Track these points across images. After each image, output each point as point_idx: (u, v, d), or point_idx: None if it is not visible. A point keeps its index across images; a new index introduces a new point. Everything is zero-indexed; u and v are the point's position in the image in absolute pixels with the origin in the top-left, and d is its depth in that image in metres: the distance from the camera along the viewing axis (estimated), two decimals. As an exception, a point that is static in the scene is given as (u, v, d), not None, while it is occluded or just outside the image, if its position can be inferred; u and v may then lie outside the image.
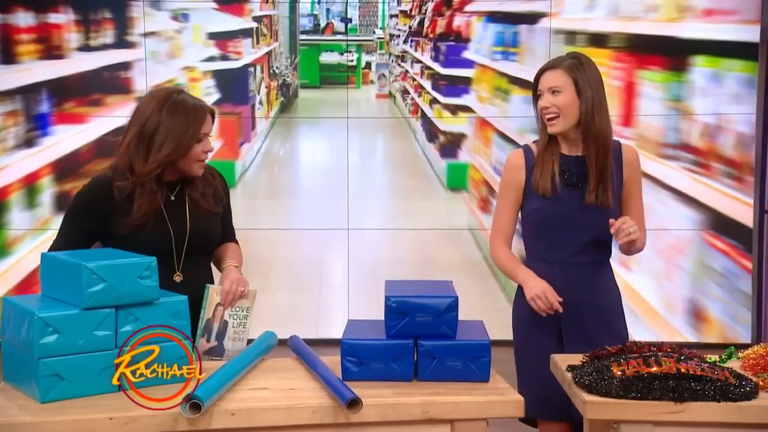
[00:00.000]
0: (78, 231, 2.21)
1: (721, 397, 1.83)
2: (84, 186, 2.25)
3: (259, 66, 5.02)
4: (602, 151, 2.31)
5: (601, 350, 2.09)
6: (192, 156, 2.20)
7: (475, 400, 1.84)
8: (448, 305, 1.96)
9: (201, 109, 2.22)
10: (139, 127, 2.19)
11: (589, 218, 2.33)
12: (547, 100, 2.31)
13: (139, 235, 2.18)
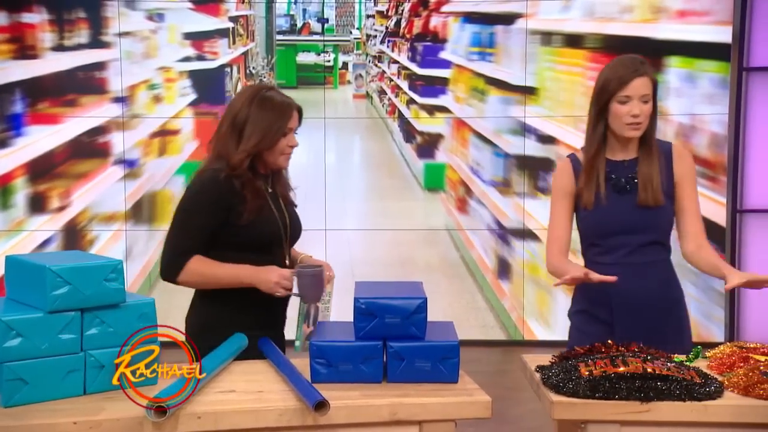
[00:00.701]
0: (205, 227, 2.26)
1: (686, 397, 1.85)
2: (201, 183, 2.28)
3: (235, 66, 5.00)
4: (657, 152, 2.33)
5: (569, 350, 2.10)
6: (278, 149, 2.30)
7: (443, 401, 1.84)
8: (417, 306, 1.96)
9: (288, 105, 2.34)
10: (230, 120, 2.29)
11: (640, 220, 2.33)
12: (638, 108, 2.29)
13: (256, 225, 2.27)
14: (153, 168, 4.97)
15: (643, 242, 2.33)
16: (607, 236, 2.35)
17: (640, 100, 2.28)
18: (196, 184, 2.30)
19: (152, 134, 4.95)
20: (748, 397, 1.85)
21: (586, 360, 1.97)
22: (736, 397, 1.86)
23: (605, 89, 2.32)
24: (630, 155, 2.36)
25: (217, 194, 2.24)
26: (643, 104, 2.28)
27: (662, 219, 2.34)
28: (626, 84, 2.29)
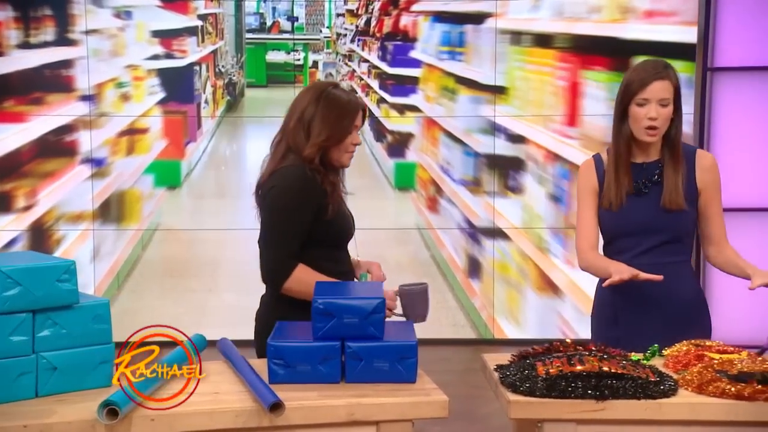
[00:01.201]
0: (305, 225, 2.26)
1: (641, 395, 1.86)
2: (291, 180, 2.26)
3: (204, 64, 4.97)
4: (681, 155, 2.34)
5: (528, 350, 2.11)
6: (344, 146, 2.31)
7: (400, 401, 1.84)
8: (375, 306, 1.96)
9: (354, 103, 2.34)
10: (298, 116, 2.30)
11: (657, 222, 2.34)
12: (656, 111, 2.28)
13: (338, 220, 2.31)
14: (121, 167, 4.93)
15: (659, 243, 2.34)
16: (623, 237, 2.37)
17: (659, 103, 2.27)
18: (286, 181, 2.26)
19: (120, 133, 4.90)
20: (702, 394, 1.87)
21: (544, 359, 1.98)
22: (691, 395, 1.88)
23: (626, 91, 2.32)
24: (651, 158, 2.37)
25: (310, 188, 2.25)
26: (662, 108, 2.28)
27: (681, 222, 2.35)
28: (645, 86, 2.28)
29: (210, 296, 5.07)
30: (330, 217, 2.28)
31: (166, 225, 4.99)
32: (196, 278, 5.03)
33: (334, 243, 2.34)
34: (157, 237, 4.99)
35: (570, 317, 4.95)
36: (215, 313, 4.96)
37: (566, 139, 4.94)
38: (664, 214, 2.33)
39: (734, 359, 1.94)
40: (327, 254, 2.32)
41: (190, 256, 5.02)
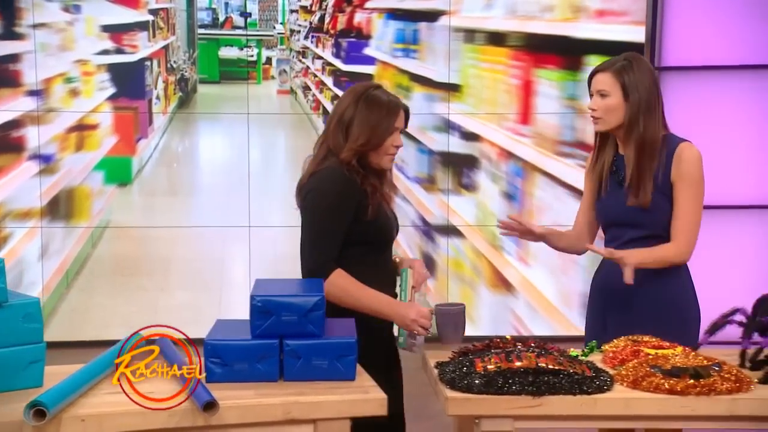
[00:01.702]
0: (341, 225, 2.28)
1: (576, 391, 1.88)
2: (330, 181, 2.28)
3: (155, 60, 4.90)
4: (645, 152, 2.32)
5: (468, 346, 2.12)
6: (383, 149, 2.31)
7: (337, 399, 1.84)
8: (315, 304, 1.95)
9: (395, 104, 2.34)
10: (337, 118, 2.31)
11: (632, 216, 2.36)
12: (594, 103, 2.37)
13: (378, 221, 2.31)
14: (70, 163, 4.84)
15: (638, 237, 2.36)
16: (606, 227, 2.45)
17: (598, 94, 2.35)
18: (325, 184, 2.28)
19: (69, 129, 4.81)
20: (637, 389, 1.90)
21: (483, 356, 1.99)
22: (626, 390, 1.91)
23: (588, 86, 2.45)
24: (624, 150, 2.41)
25: (349, 190, 2.26)
26: (600, 98, 2.34)
27: (654, 218, 2.35)
28: (590, 79, 2.43)
29: (162, 295, 5.00)
30: (370, 218, 2.27)
31: (117, 222, 4.91)
32: (148, 276, 4.96)
33: (373, 243, 2.33)
34: (107, 234, 4.91)
35: (523, 314, 4.98)
36: (167, 312, 4.90)
37: (519, 137, 4.96)
38: (636, 211, 2.34)
39: (669, 354, 1.97)
40: (367, 254, 2.31)
41: (142, 254, 4.95)
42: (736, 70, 4.40)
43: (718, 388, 1.82)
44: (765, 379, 1.88)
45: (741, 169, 4.27)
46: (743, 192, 4.21)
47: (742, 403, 1.82)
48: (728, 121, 4.28)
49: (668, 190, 2.34)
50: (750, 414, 1.81)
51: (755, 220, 4.32)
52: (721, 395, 1.83)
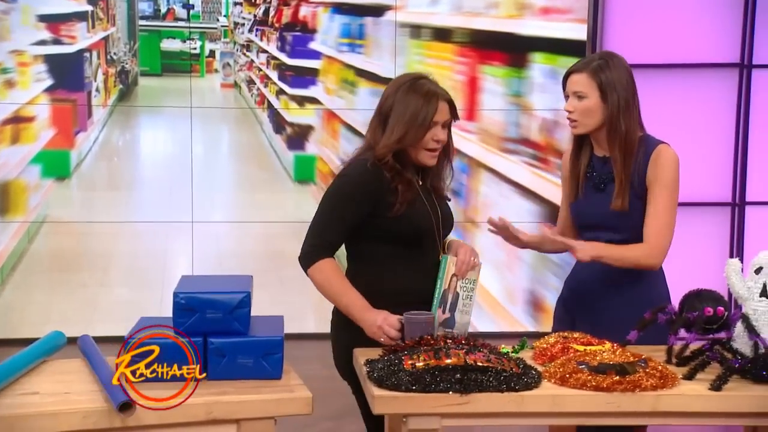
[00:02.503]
0: (348, 219, 2.19)
1: (504, 388, 1.87)
2: (350, 173, 2.21)
3: (95, 51, 4.79)
4: (630, 154, 2.26)
5: (399, 343, 2.10)
6: (421, 144, 2.17)
7: (261, 398, 1.80)
8: (240, 301, 1.91)
9: (433, 94, 2.17)
10: (379, 109, 2.21)
11: (610, 220, 2.30)
12: (571, 105, 2.26)
13: (407, 218, 2.21)
14: (5, 156, 4.71)
15: (615, 241, 2.29)
16: (582, 230, 2.36)
17: (574, 96, 2.26)
18: (344, 173, 2.22)
19: (4, 121, 4.68)
20: (564, 386, 1.90)
21: (412, 353, 1.97)
22: (554, 387, 1.90)
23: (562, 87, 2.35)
24: (603, 152, 2.34)
25: (368, 184, 2.17)
26: (577, 101, 2.25)
27: (635, 223, 2.30)
28: (565, 80, 2.32)
29: (102, 291, 4.90)
30: (395, 214, 2.19)
31: (55, 217, 4.79)
32: (88, 273, 4.85)
33: (402, 241, 2.23)
34: (44, 230, 4.78)
35: (468, 310, 5.00)
36: (107, 309, 4.80)
37: (465, 133, 4.97)
38: (615, 214, 2.29)
39: (597, 351, 1.97)
40: (397, 252, 2.24)
41: (81, 249, 4.84)
42: (677, 68, 4.47)
43: (643, 384, 1.83)
44: (690, 375, 1.89)
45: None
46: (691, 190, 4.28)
47: (666, 399, 1.83)
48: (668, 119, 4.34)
49: (644, 193, 2.30)
50: (673, 410, 1.83)
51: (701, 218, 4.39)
52: (645, 391, 1.84)
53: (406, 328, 2.16)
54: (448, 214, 2.35)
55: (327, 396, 2.29)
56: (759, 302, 1.99)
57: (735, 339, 2.01)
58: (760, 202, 4.42)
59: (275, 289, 4.96)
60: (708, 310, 1.95)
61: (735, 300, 2.07)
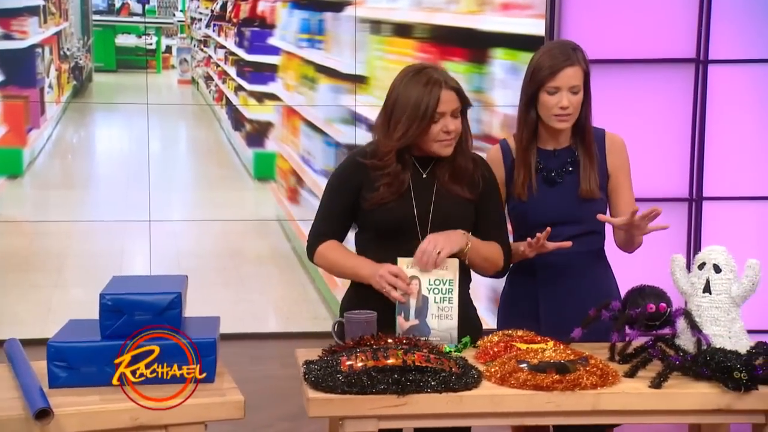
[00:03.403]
0: (336, 206, 2.21)
1: (442, 388, 1.83)
2: (339, 165, 2.25)
3: (47, 47, 4.68)
4: (589, 141, 2.24)
5: (339, 343, 2.05)
6: (429, 136, 2.09)
7: (190, 402, 1.74)
8: (170, 302, 1.85)
9: (435, 83, 2.09)
10: (385, 102, 2.16)
11: (570, 212, 2.24)
12: (568, 100, 2.17)
13: (382, 211, 2.17)
14: (-46, 155, 4.59)
15: (576, 234, 2.26)
16: (537, 228, 2.25)
17: (570, 91, 2.18)
18: (339, 165, 2.28)
19: (-47, 118, 4.56)
20: (504, 386, 1.86)
21: (350, 354, 1.92)
22: (493, 387, 1.86)
23: (535, 78, 2.22)
24: (562, 144, 2.27)
25: (348, 175, 2.19)
26: (573, 95, 2.19)
27: (597, 211, 2.26)
28: (556, 74, 2.19)
29: (56, 292, 4.80)
30: (369, 207, 2.17)
31: (7, 216, 4.68)
32: (41, 273, 4.75)
33: (378, 234, 2.22)
34: (-4, 229, 4.68)
35: (431, 308, 4.96)
36: (62, 310, 4.70)
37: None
38: (580, 204, 2.26)
39: (538, 349, 1.93)
40: (377, 244, 2.22)
41: (34, 249, 4.74)
42: (633, 63, 4.46)
43: (583, 382, 1.80)
44: (631, 372, 1.86)
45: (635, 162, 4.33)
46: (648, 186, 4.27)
47: (607, 397, 1.80)
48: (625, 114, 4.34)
49: (604, 181, 2.28)
50: (614, 408, 1.79)
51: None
52: (586, 390, 1.80)
53: (347, 328, 2.11)
54: (446, 213, 2.21)
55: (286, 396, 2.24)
56: (702, 298, 1.96)
57: (679, 335, 1.98)
58: (718, 197, 4.43)
59: (236, 287, 4.90)
60: (650, 307, 1.92)
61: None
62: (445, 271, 2.13)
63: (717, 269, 1.94)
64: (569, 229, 2.28)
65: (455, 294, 2.14)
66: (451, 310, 2.14)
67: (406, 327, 2.13)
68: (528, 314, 2.29)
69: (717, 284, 1.94)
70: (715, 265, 1.94)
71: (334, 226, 2.27)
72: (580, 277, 2.27)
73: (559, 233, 2.27)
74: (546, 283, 2.29)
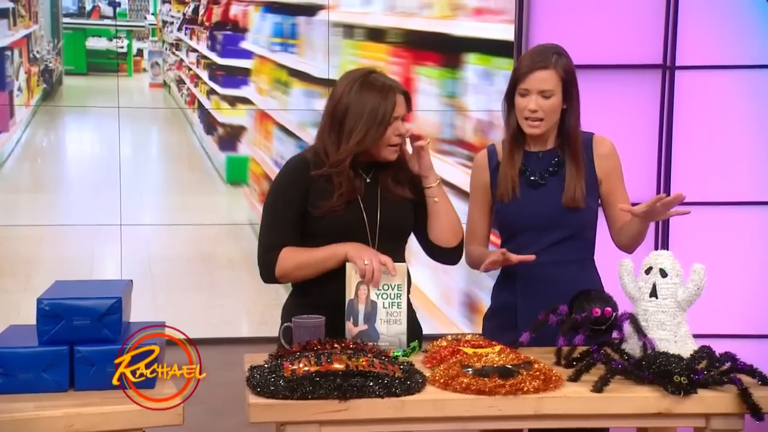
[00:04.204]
0: (286, 215, 2.14)
1: (384, 393, 1.82)
2: (281, 171, 2.19)
3: (17, 50, 4.65)
4: (577, 146, 2.21)
5: (286, 348, 2.04)
6: (383, 141, 2.09)
7: (126, 409, 1.73)
8: (110, 307, 1.83)
9: (390, 88, 2.09)
10: (331, 111, 2.11)
11: (554, 216, 2.21)
12: (536, 103, 2.14)
13: (332, 218, 2.14)
14: None
15: (561, 238, 2.23)
16: (520, 232, 2.24)
17: (540, 95, 2.16)
18: (278, 175, 2.20)
19: None
20: (447, 390, 1.85)
21: (294, 359, 1.90)
22: (437, 391, 1.85)
23: (512, 79, 2.23)
24: (547, 147, 2.25)
25: (291, 183, 2.14)
26: (543, 99, 2.16)
27: (583, 217, 2.24)
28: (526, 76, 2.18)
29: (25, 297, 4.75)
30: (319, 214, 2.14)
31: (-25, 221, 4.65)
32: (10, 278, 4.71)
33: (327, 240, 2.18)
34: (-36, 234, 4.64)
35: (404, 312, 4.95)
36: (31, 315, 4.64)
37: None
38: (564, 209, 2.23)
39: (483, 353, 1.92)
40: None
41: (4, 253, 4.70)
42: (600, 69, 4.46)
43: (525, 387, 1.79)
44: (575, 376, 1.86)
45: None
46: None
47: (548, 401, 1.79)
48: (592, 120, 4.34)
49: (593, 187, 2.25)
50: (555, 412, 1.78)
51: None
52: (528, 394, 1.79)
53: (294, 333, 2.09)
54: (393, 216, 2.23)
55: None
56: (649, 302, 1.96)
57: (627, 340, 1.98)
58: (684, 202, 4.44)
59: (208, 292, 4.88)
60: (596, 311, 1.91)
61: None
62: (393, 277, 2.11)
63: (663, 274, 1.94)
64: (555, 234, 2.25)
65: (404, 299, 2.13)
66: (400, 315, 2.13)
67: (355, 332, 2.12)
68: (507, 326, 2.26)
69: (663, 289, 1.94)
70: (662, 270, 1.94)
71: (287, 237, 2.19)
72: (561, 287, 2.22)
73: (539, 239, 2.25)
74: (526, 294, 2.27)
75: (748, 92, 4.43)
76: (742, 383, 1.75)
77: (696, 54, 4.37)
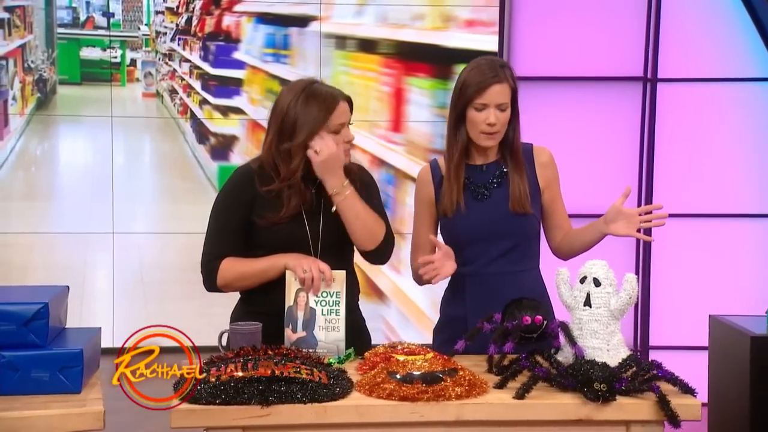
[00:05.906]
0: (230, 224, 2.15)
1: (307, 399, 1.81)
2: (228, 179, 2.19)
3: (12, 59, 4.74)
4: (519, 156, 2.23)
5: (220, 354, 2.03)
6: None
7: (45, 413, 1.73)
8: (37, 312, 1.84)
9: (332, 97, 2.11)
10: (278, 124, 2.12)
11: (500, 227, 2.22)
12: (495, 117, 2.16)
13: (276, 230, 2.14)
14: None
15: (506, 250, 2.24)
16: (466, 245, 2.24)
17: (497, 108, 2.17)
18: (226, 182, 2.20)
19: None
20: (372, 396, 1.83)
21: (221, 365, 1.90)
22: (361, 397, 1.84)
23: (462, 95, 2.20)
24: (490, 159, 2.26)
25: (237, 192, 2.14)
26: (500, 112, 2.17)
27: (528, 225, 2.25)
28: (483, 91, 2.16)
29: (18, 303, 4.81)
30: (265, 225, 2.14)
31: (-30, 228, 4.73)
32: (4, 285, 4.78)
33: (271, 251, 2.18)
34: (-41, 241, 4.72)
35: (395, 322, 4.94)
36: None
37: (392, 144, 4.93)
38: (510, 218, 2.23)
39: (412, 360, 1.91)
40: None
41: (-5, 261, 4.78)
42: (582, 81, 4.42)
43: (448, 393, 1.77)
44: (501, 383, 1.83)
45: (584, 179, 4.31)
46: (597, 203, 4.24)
47: (470, 408, 1.76)
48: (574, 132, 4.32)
49: (535, 195, 2.26)
50: (477, 419, 1.76)
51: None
52: (450, 401, 1.77)
53: (231, 339, 2.09)
54: (335, 225, 2.21)
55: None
56: (583, 311, 1.93)
57: (562, 348, 1.95)
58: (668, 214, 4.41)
59: (199, 300, 4.89)
60: (526, 319, 1.89)
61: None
62: (332, 284, 2.12)
63: (597, 283, 1.91)
64: (501, 246, 2.25)
65: (342, 306, 2.12)
66: (338, 322, 2.12)
67: (293, 339, 2.12)
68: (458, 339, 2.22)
69: (597, 298, 1.91)
70: (596, 279, 1.91)
71: (230, 246, 2.19)
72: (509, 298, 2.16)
73: (491, 251, 2.24)
74: (475, 306, 2.24)
75: (729, 105, 4.38)
76: (660, 390, 1.72)
77: (677, 67, 4.33)
